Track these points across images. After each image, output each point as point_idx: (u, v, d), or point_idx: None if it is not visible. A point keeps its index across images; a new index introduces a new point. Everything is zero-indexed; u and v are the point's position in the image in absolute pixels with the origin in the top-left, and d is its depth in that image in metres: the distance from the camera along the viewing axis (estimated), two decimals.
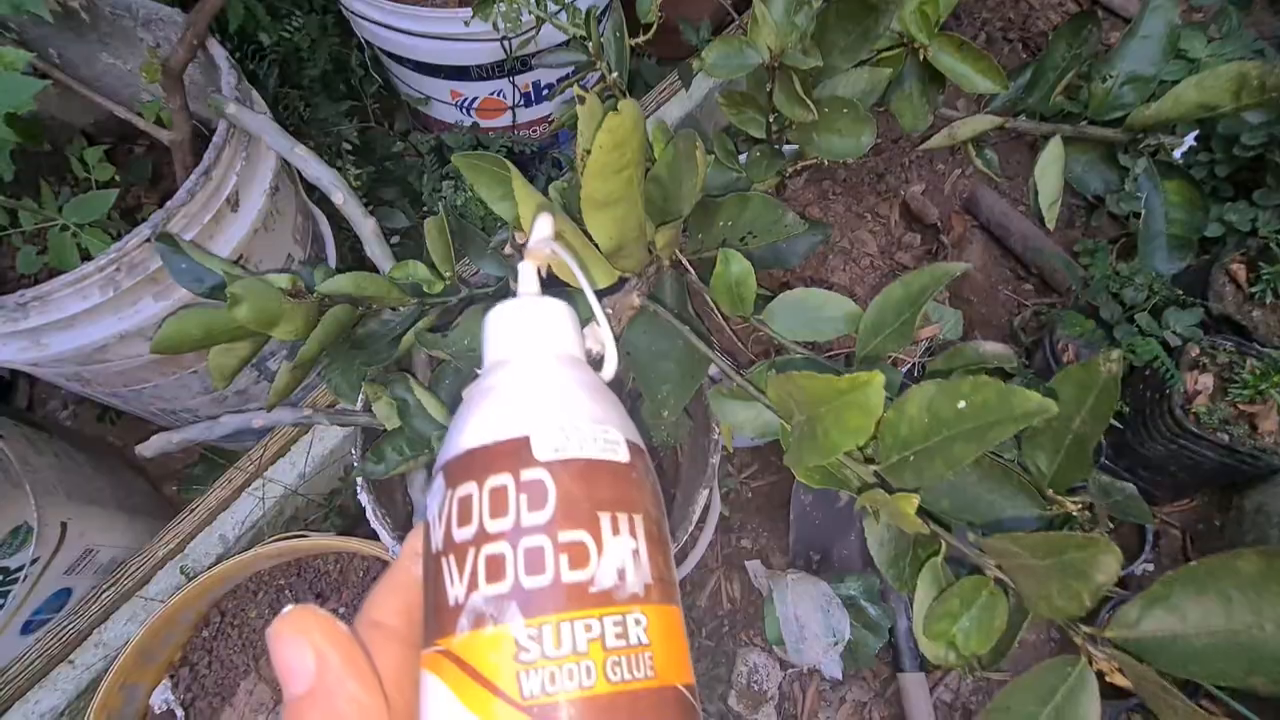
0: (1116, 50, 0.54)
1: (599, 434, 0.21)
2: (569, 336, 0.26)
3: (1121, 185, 0.59)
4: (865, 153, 0.47)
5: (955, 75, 0.54)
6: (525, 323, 0.26)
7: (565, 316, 0.27)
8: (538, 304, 0.27)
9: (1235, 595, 0.18)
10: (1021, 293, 1.23)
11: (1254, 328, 0.92)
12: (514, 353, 0.25)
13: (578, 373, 0.24)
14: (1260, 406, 0.87)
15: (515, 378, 0.23)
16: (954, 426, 0.23)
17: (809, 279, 0.78)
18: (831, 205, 0.83)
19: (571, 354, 0.26)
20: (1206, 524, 1.02)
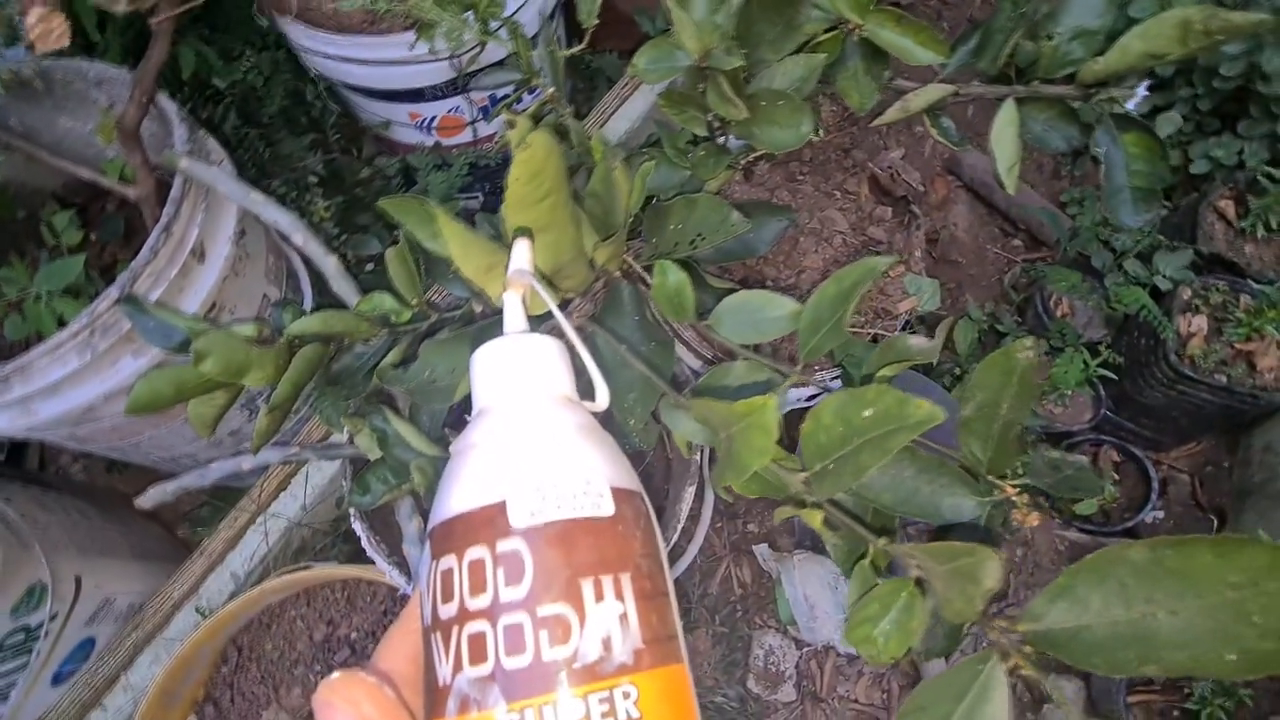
0: (1061, 6, 0.53)
1: (579, 489, 0.20)
2: (558, 374, 0.25)
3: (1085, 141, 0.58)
4: (807, 140, 0.47)
5: (896, 49, 0.53)
6: (510, 365, 0.25)
7: (553, 353, 0.26)
8: (523, 343, 0.26)
9: (1130, 584, 0.18)
10: (1010, 249, 1.21)
11: (1246, 264, 0.91)
12: (498, 399, 0.24)
13: (565, 415, 0.23)
14: (1257, 344, 0.86)
15: (496, 432, 0.23)
16: (863, 434, 0.23)
17: (782, 263, 0.77)
18: (800, 186, 0.82)
19: (561, 393, 0.25)
20: (1215, 466, 1.01)
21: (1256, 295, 0.87)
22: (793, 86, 0.49)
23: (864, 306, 0.76)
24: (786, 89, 0.49)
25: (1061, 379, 0.90)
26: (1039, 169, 1.26)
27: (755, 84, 0.50)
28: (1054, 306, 1.07)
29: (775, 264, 0.77)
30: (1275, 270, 0.90)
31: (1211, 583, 0.16)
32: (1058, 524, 0.99)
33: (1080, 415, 1.00)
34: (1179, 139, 1.07)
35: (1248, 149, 0.98)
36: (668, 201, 0.52)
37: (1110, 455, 0.99)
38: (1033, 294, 1.08)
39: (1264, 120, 0.96)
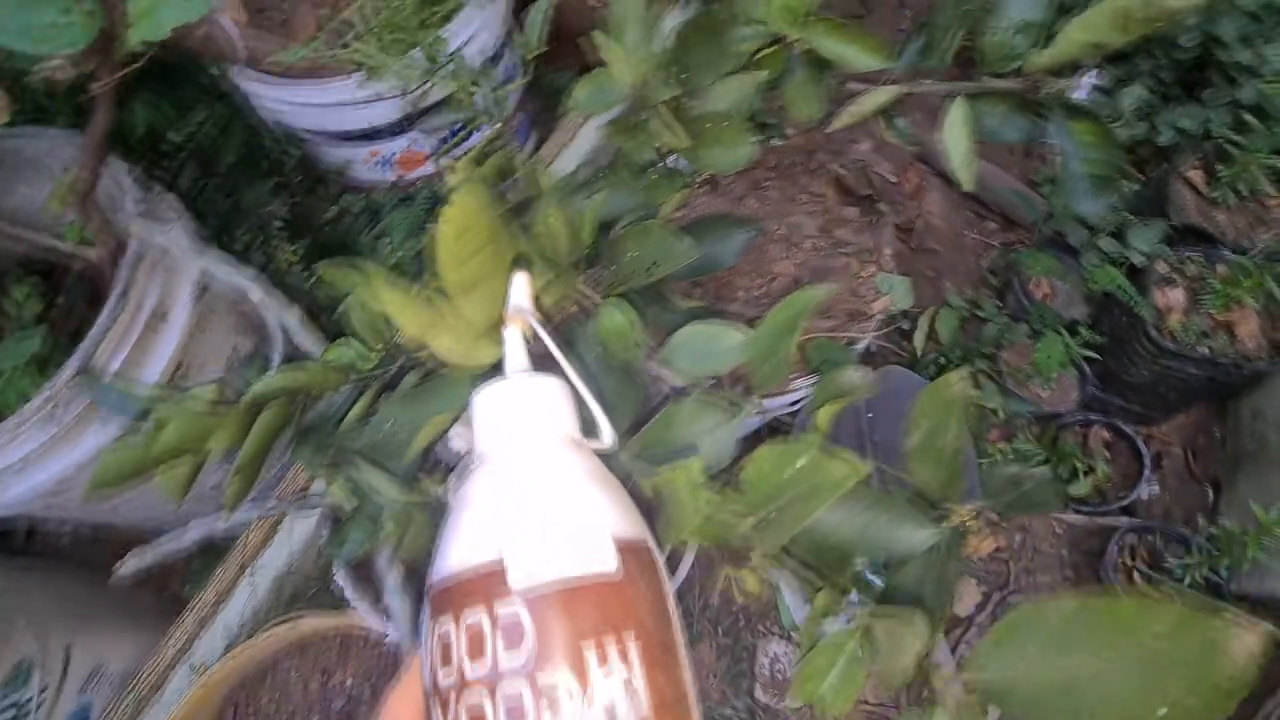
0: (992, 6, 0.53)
1: (582, 545, 0.19)
2: (560, 416, 0.25)
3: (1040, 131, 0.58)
4: (750, 160, 0.46)
5: (839, 57, 0.53)
6: (511, 408, 0.24)
7: (556, 394, 0.25)
8: (525, 385, 0.25)
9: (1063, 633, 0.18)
10: (986, 233, 1.21)
11: (1220, 233, 0.90)
12: (499, 445, 0.23)
13: (567, 461, 0.22)
14: (1236, 312, 0.85)
15: (494, 482, 0.22)
16: (796, 486, 0.23)
17: (752, 272, 0.77)
18: (766, 193, 0.82)
19: (564, 436, 0.24)
20: (1206, 436, 1.00)
21: (1231, 264, 0.87)
22: (736, 106, 0.49)
23: (837, 309, 0.75)
24: (729, 109, 0.49)
25: (1043, 363, 0.90)
26: (1009, 150, 1.26)
27: (699, 107, 0.50)
28: (1033, 289, 1.06)
29: (746, 273, 0.77)
30: (1248, 237, 0.90)
31: (1137, 634, 0.16)
32: (1055, 510, 0.99)
33: (1067, 396, 1.00)
34: (1145, 110, 1.07)
35: (1213, 117, 0.98)
36: (623, 230, 0.52)
37: (1100, 434, 0.99)
38: (1011, 278, 1.08)
39: (1225, 87, 0.95)
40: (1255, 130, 0.85)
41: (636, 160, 0.54)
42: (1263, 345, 0.84)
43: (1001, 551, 0.99)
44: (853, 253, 0.78)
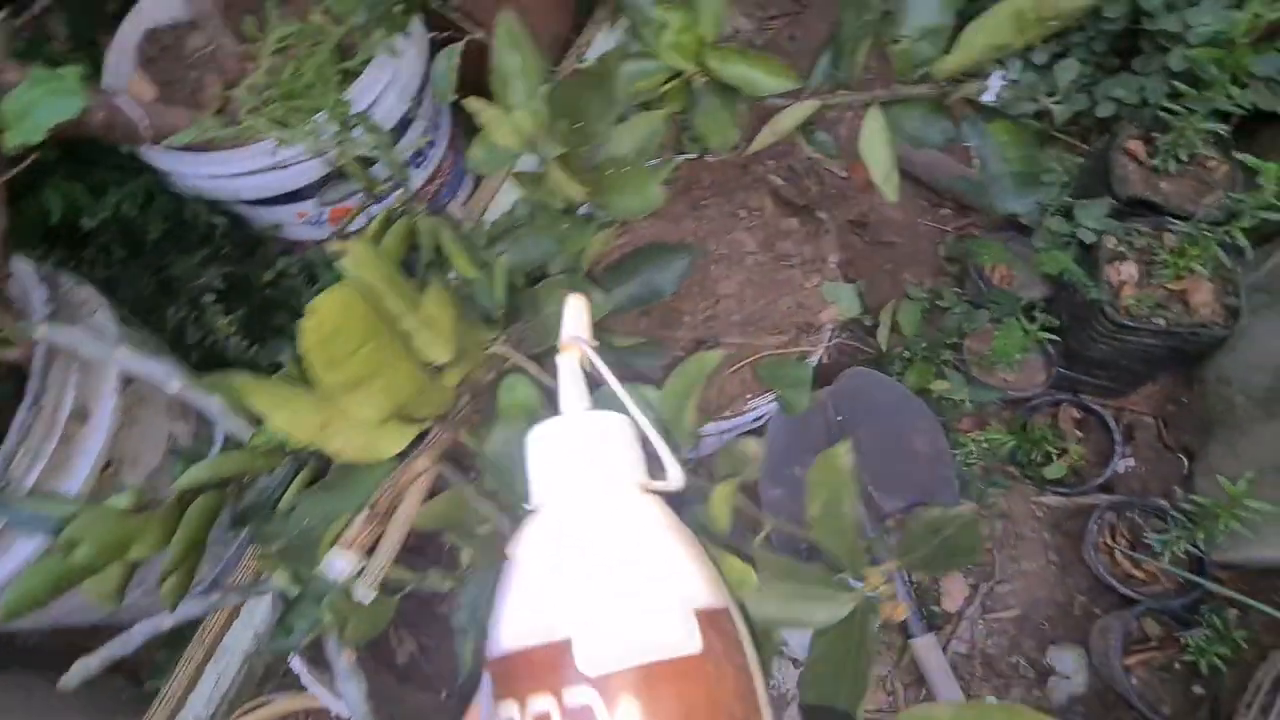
0: (902, 7, 0.52)
1: (660, 621, 0.17)
2: (626, 458, 0.22)
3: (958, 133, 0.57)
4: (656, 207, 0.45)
5: (744, 84, 0.52)
6: (570, 450, 0.22)
7: (619, 432, 0.23)
8: (585, 423, 0.23)
9: None
10: (941, 219, 1.20)
11: (1165, 202, 0.90)
12: (558, 494, 0.21)
13: (638, 514, 0.20)
14: (1189, 280, 0.85)
15: (557, 540, 0.20)
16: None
17: (697, 295, 0.76)
18: (704, 211, 0.81)
19: (629, 480, 0.22)
20: (1176, 404, 1.00)
21: (1178, 233, 0.86)
22: (640, 149, 0.47)
23: (786, 323, 0.74)
24: (634, 152, 0.48)
25: (1002, 351, 0.89)
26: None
27: (600, 154, 0.48)
28: (990, 273, 1.06)
29: (691, 297, 0.75)
30: (1193, 202, 0.90)
31: None
32: (1033, 491, 0.98)
33: (1033, 378, 0.99)
34: (1083, 83, 1.07)
35: (1147, 85, 0.97)
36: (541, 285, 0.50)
37: (1070, 413, 0.98)
38: (968, 264, 1.07)
39: (1156, 54, 0.95)
40: (1189, 96, 0.85)
41: (552, 208, 0.52)
42: (1218, 311, 0.84)
43: (985, 540, 0.98)
44: (796, 264, 0.77)
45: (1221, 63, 0.78)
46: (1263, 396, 0.84)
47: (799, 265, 0.77)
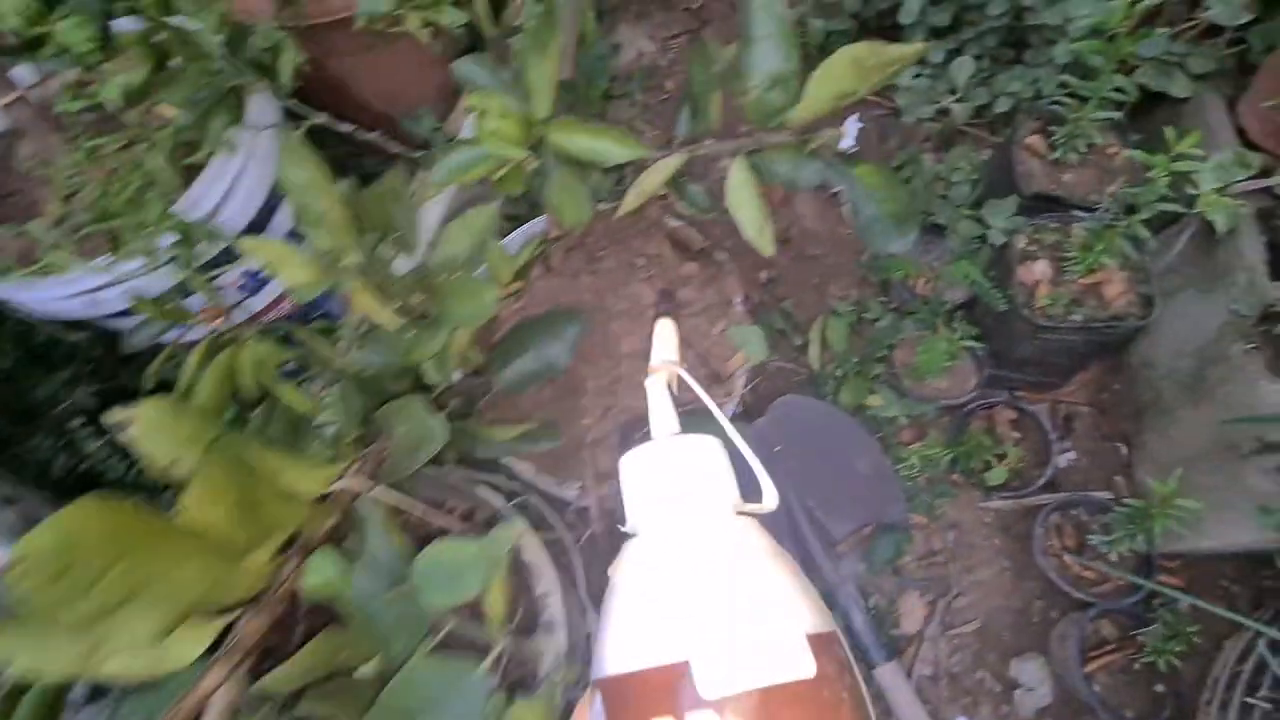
0: (742, 59, 0.49)
1: (775, 645, 0.17)
2: (722, 480, 0.23)
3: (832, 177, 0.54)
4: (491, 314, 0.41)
5: (593, 156, 0.49)
6: (667, 475, 0.22)
7: (714, 454, 0.23)
8: (679, 447, 0.23)
9: None
10: None
11: (1070, 195, 0.89)
12: (660, 519, 0.21)
13: (744, 539, 0.21)
14: (1101, 274, 0.84)
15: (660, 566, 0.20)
16: None
17: (600, 357, 0.72)
18: (601, 264, 0.77)
19: (728, 504, 0.22)
20: (1108, 391, 0.99)
21: (1085, 227, 0.85)
22: (472, 251, 0.44)
23: (700, 374, 0.71)
24: (468, 252, 0.44)
25: (926, 365, 0.87)
26: (865, 138, 1.24)
27: (432, 256, 0.45)
28: (913, 280, 1.04)
29: (592, 360, 0.72)
30: (1098, 192, 0.89)
31: None
32: (979, 496, 0.97)
33: (965, 383, 0.98)
34: (981, 76, 1.06)
35: (1041, 77, 0.97)
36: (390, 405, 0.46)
37: (1005, 414, 0.97)
38: (890, 276, 1.06)
39: (1045, 47, 0.95)
40: (1078, 88, 0.84)
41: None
42: (1133, 301, 0.83)
43: (938, 554, 0.96)
44: (699, 312, 0.74)
45: (1105, 53, 0.77)
46: (1188, 382, 0.84)
47: (701, 312, 0.74)
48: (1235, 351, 0.77)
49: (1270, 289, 0.76)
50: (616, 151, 0.48)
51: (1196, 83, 0.88)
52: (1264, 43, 0.81)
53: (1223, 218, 0.77)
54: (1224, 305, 0.80)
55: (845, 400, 0.99)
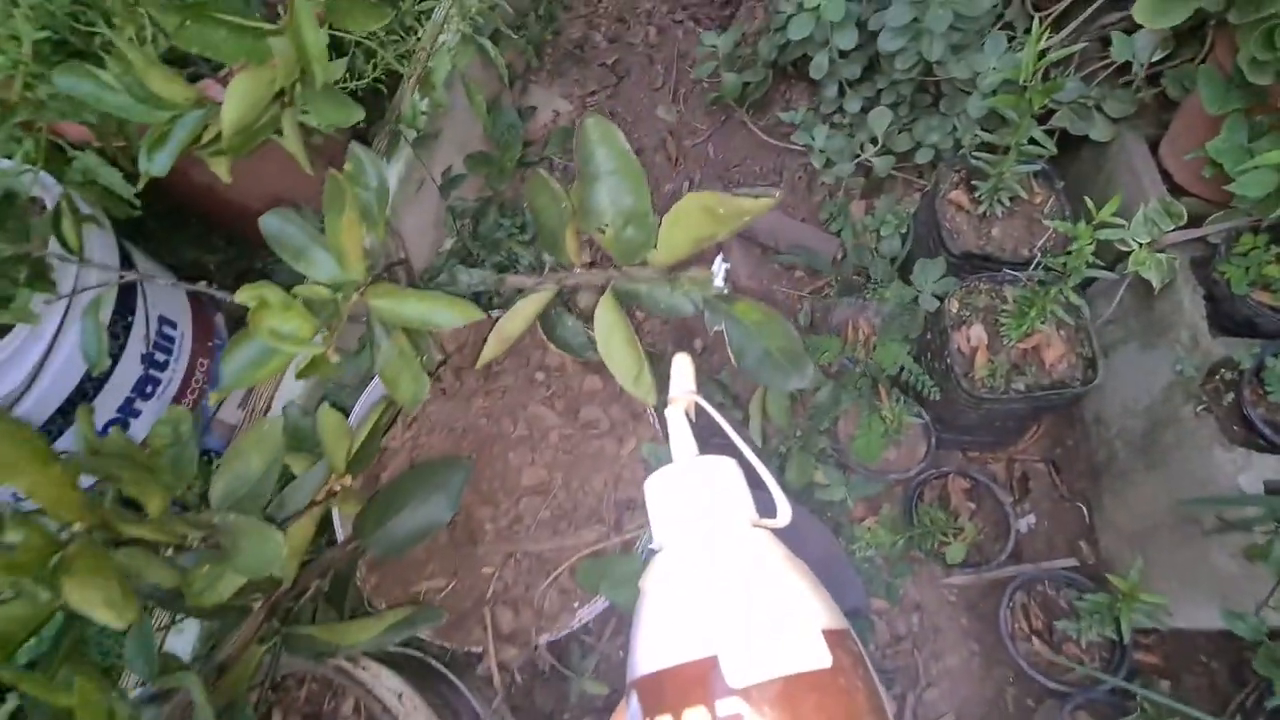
0: (586, 196, 0.43)
1: (795, 637, 0.19)
2: (740, 498, 0.25)
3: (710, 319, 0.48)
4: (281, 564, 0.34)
5: (424, 323, 0.42)
6: (691, 492, 0.24)
7: (732, 475, 0.25)
8: (700, 467, 0.25)
9: None
10: (795, 283, 1.13)
11: (1000, 251, 0.84)
12: (685, 533, 0.24)
13: (761, 548, 0.23)
14: (1039, 336, 0.79)
15: (686, 575, 0.22)
16: None
17: (499, 492, 0.65)
18: (499, 381, 0.70)
19: (747, 520, 0.24)
20: (1061, 446, 0.94)
21: (1016, 289, 0.81)
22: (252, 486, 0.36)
23: (605, 507, 0.64)
24: (259, 474, 0.36)
25: (864, 450, 0.81)
26: (791, 189, 1.19)
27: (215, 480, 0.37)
28: (850, 335, 0.99)
29: (490, 500, 0.64)
30: (1028, 244, 0.84)
31: None
32: (940, 572, 0.90)
33: (915, 452, 0.92)
34: (901, 124, 1.02)
35: (959, 126, 0.93)
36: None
37: (959, 484, 0.91)
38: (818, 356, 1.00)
39: (959, 96, 0.91)
40: (996, 141, 0.80)
41: None
42: (1074, 363, 0.78)
43: (903, 640, 0.89)
44: (605, 431, 0.67)
45: (1018, 107, 0.73)
46: (1141, 443, 0.79)
47: (609, 432, 0.67)
48: (1186, 414, 0.72)
49: (1213, 346, 0.71)
50: (450, 317, 0.41)
51: (1116, 125, 0.85)
52: (1179, 84, 0.78)
53: (1156, 274, 0.72)
54: (1168, 361, 0.75)
55: (792, 479, 0.93)
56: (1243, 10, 0.58)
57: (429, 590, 0.61)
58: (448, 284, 0.55)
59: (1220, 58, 0.68)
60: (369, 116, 1.08)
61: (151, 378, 0.67)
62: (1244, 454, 0.66)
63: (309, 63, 0.41)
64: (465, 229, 1.09)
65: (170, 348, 0.70)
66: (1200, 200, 0.78)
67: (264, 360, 0.36)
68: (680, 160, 1.26)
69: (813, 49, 0.97)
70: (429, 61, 0.84)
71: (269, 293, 0.34)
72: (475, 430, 0.68)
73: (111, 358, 0.63)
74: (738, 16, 1.42)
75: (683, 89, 1.32)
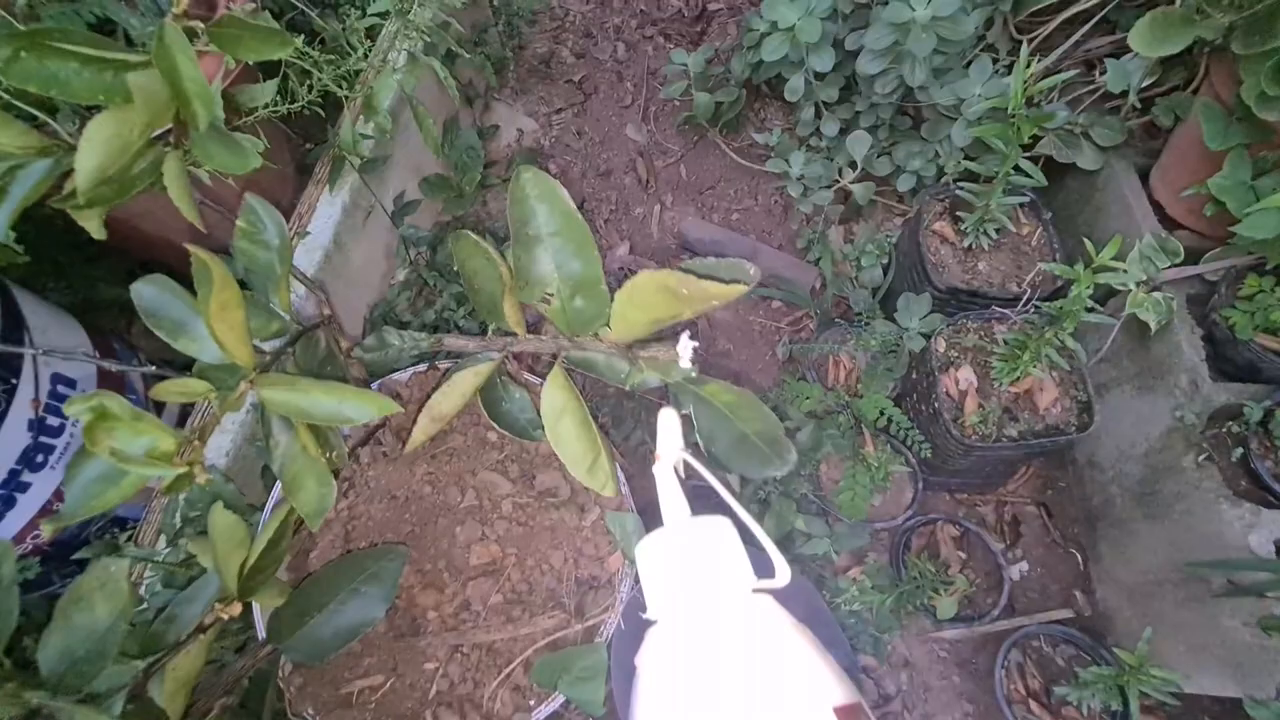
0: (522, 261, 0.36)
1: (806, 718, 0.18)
2: (737, 563, 0.23)
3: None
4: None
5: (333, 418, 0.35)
6: (687, 558, 0.23)
7: (728, 537, 0.24)
8: (693, 531, 0.24)
9: None
10: (773, 314, 1.08)
11: (987, 286, 0.80)
12: (676, 603, 0.22)
13: (763, 617, 0.21)
14: (1031, 380, 0.74)
15: (684, 651, 0.21)
16: None
17: (444, 573, 0.57)
18: (447, 442, 0.63)
19: (744, 586, 0.23)
20: (1053, 487, 0.90)
21: (1007, 329, 0.76)
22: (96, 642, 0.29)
23: (565, 588, 0.57)
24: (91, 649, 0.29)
25: (850, 507, 0.75)
26: (768, 214, 1.14)
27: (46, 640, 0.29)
28: (831, 370, 0.94)
29: (434, 582, 0.57)
30: (1015, 279, 0.80)
31: None
32: (929, 626, 0.85)
33: (901, 497, 0.87)
34: (880, 148, 0.97)
35: (941, 152, 0.88)
36: None
37: (948, 532, 0.86)
38: (805, 370, 0.95)
39: (942, 122, 0.86)
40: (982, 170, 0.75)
41: None
42: (1069, 408, 0.73)
43: (892, 700, 0.84)
44: (565, 499, 0.60)
45: (1004, 136, 0.68)
46: (1139, 491, 0.74)
47: (568, 500, 0.60)
48: (1187, 463, 0.68)
49: (1214, 392, 0.67)
50: (361, 412, 0.34)
51: (1104, 153, 0.81)
52: (1171, 113, 0.74)
53: (1154, 315, 0.68)
54: (1167, 406, 0.71)
55: (771, 529, 0.87)
56: (1247, 40, 0.54)
57: (364, 690, 0.54)
58: (375, 348, 0.47)
59: (1218, 88, 0.64)
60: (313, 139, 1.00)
61: (43, 445, 0.59)
62: (1253, 510, 0.62)
63: (187, 101, 0.33)
64: (421, 259, 1.01)
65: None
66: (1194, 234, 0.75)
67: (115, 480, 0.29)
68: (651, 182, 1.20)
69: (788, 70, 0.92)
70: (372, 83, 0.77)
71: (111, 403, 0.27)
72: (419, 499, 0.60)
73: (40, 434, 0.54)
74: (709, 33, 1.37)
75: (653, 107, 1.26)
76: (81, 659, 0.28)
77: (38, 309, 0.64)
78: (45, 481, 0.60)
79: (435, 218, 1.09)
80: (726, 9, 1.36)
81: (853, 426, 0.85)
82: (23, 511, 0.60)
